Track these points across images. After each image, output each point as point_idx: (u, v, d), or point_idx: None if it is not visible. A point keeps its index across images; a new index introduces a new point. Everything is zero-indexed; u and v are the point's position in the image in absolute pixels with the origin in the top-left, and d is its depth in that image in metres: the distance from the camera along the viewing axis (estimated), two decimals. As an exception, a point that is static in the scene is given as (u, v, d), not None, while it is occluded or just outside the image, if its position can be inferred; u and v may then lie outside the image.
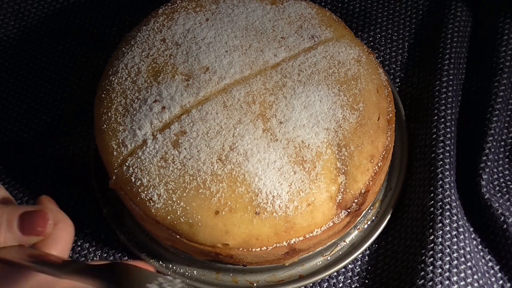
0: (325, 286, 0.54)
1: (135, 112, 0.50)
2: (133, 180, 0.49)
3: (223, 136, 0.49)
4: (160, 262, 0.54)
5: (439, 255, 0.50)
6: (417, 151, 0.58)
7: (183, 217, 0.48)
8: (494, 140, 0.57)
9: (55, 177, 0.59)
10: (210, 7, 0.55)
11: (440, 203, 0.52)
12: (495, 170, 0.57)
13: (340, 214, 0.49)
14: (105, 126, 0.51)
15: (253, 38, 0.53)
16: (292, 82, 0.51)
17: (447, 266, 0.50)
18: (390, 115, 0.53)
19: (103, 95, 0.52)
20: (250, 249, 0.48)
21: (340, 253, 0.55)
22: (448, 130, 0.56)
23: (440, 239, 0.51)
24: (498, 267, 0.53)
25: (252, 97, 0.50)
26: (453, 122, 0.57)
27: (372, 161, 0.50)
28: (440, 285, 0.49)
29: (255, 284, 0.53)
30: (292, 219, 0.48)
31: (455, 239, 0.51)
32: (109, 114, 0.51)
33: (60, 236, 0.44)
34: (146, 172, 0.48)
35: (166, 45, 0.53)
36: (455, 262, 0.50)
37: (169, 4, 0.56)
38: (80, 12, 0.70)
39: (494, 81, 0.59)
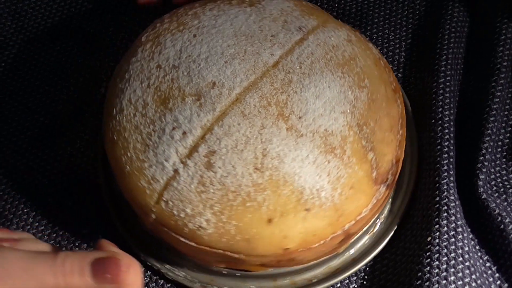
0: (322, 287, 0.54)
1: (156, 144, 0.49)
2: (176, 213, 0.48)
3: (252, 145, 0.48)
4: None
5: (436, 255, 0.50)
6: None
7: (239, 235, 0.47)
8: (491, 140, 0.57)
9: (53, 178, 0.59)
10: (192, 23, 0.54)
11: (437, 205, 0.53)
12: (492, 170, 0.57)
13: (380, 189, 0.50)
14: (128, 167, 0.49)
15: (245, 43, 0.53)
16: (297, 76, 0.51)
17: (444, 266, 0.50)
18: (394, 84, 0.54)
19: (115, 137, 0.50)
20: (309, 247, 0.49)
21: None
22: (447, 131, 0.56)
23: (437, 240, 0.51)
24: (495, 267, 0.53)
25: (266, 100, 0.50)
26: (451, 123, 0.57)
27: (392, 131, 0.51)
28: (437, 285, 0.49)
29: (314, 280, 0.54)
30: (341, 207, 0.48)
31: (452, 239, 0.51)
32: (129, 155, 0.49)
33: (133, 281, 0.42)
34: (188, 201, 0.48)
35: (163, 70, 0.52)
36: (453, 262, 0.50)
37: (150, 30, 0.55)
38: (76, 12, 0.69)
39: (492, 81, 0.59)
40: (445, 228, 0.51)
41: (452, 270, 0.50)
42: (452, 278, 0.50)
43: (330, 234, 0.49)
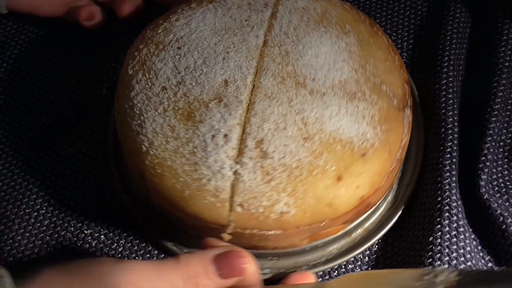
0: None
1: (204, 158, 0.48)
2: (254, 211, 0.48)
3: (290, 119, 0.50)
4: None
5: (438, 255, 0.50)
6: None
7: (319, 204, 0.48)
8: (493, 140, 0.57)
9: (54, 178, 0.59)
10: (168, 38, 0.54)
11: (439, 205, 0.53)
12: (494, 170, 0.57)
13: (406, 112, 0.54)
14: (187, 192, 0.48)
15: (228, 36, 0.54)
16: (290, 46, 0.53)
17: (446, 266, 0.50)
18: (367, 20, 0.57)
19: (159, 171, 0.49)
20: (378, 187, 0.51)
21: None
22: (450, 132, 0.56)
23: (439, 240, 0.51)
24: (497, 267, 0.53)
25: (279, 76, 0.51)
26: (455, 124, 0.57)
27: (389, 59, 0.55)
28: None
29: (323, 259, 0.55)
30: (386, 140, 0.51)
31: (454, 239, 0.51)
32: (181, 180, 0.48)
33: (253, 271, 0.44)
34: (261, 195, 0.48)
35: (171, 90, 0.51)
36: (454, 262, 0.50)
37: (131, 61, 0.54)
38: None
39: (493, 82, 0.59)
40: (447, 228, 0.51)
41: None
42: None
43: (389, 167, 0.51)
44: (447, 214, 0.52)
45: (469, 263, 0.50)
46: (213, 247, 0.44)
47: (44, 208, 0.58)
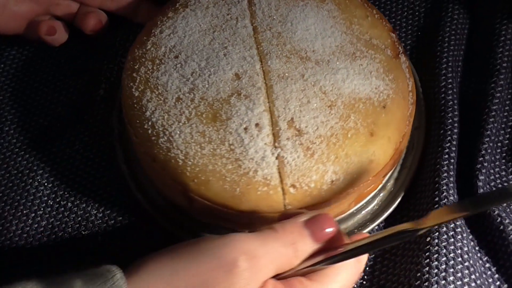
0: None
1: (244, 153, 0.49)
2: (307, 188, 0.49)
3: (310, 92, 0.51)
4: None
5: (435, 255, 0.50)
6: None
7: (363, 163, 0.50)
8: (490, 141, 0.56)
9: (51, 179, 0.59)
10: (160, 51, 0.53)
11: (436, 205, 0.53)
12: (492, 171, 0.57)
13: (401, 59, 0.56)
14: (238, 189, 0.48)
15: (218, 33, 0.54)
16: (279, 27, 0.54)
17: (443, 266, 0.50)
18: None
19: (203, 178, 0.49)
20: (405, 133, 0.53)
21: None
22: (449, 133, 0.56)
23: (436, 240, 0.51)
24: (495, 268, 0.53)
25: (283, 56, 0.53)
26: (455, 125, 0.57)
27: (368, 15, 0.57)
28: (436, 285, 0.49)
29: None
30: (397, 87, 0.53)
31: (451, 240, 0.51)
32: (229, 179, 0.48)
33: (339, 231, 0.44)
34: (308, 170, 0.49)
35: (187, 98, 0.51)
36: (452, 262, 0.50)
37: (131, 83, 0.53)
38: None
39: (491, 82, 0.59)
40: (444, 229, 0.51)
41: (451, 270, 0.50)
42: (451, 278, 0.49)
43: (407, 112, 0.53)
44: None
45: (466, 263, 0.50)
46: (298, 215, 0.44)
47: (42, 209, 0.58)
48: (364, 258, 0.45)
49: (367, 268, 0.54)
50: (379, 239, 0.42)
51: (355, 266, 0.44)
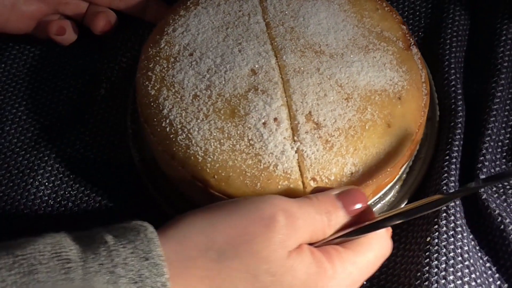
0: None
1: (264, 147, 0.49)
2: (326, 181, 0.49)
3: (326, 85, 0.51)
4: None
5: (435, 255, 0.50)
6: None
7: (381, 154, 0.50)
8: (491, 140, 0.56)
9: (52, 179, 0.59)
10: (174, 49, 0.54)
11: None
12: (492, 170, 0.56)
13: (413, 51, 0.56)
14: (258, 184, 0.48)
15: (231, 30, 0.54)
16: (292, 22, 0.55)
17: (443, 266, 0.50)
18: None
19: (223, 174, 0.49)
20: (421, 122, 0.53)
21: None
22: (451, 135, 0.56)
23: (436, 240, 0.51)
24: (495, 267, 0.53)
25: (297, 50, 0.53)
26: (458, 125, 0.57)
27: (378, 7, 0.57)
28: (436, 284, 0.49)
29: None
30: (410, 78, 0.53)
31: (451, 239, 0.51)
32: (249, 174, 0.48)
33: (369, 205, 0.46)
34: (328, 163, 0.49)
35: (204, 95, 0.51)
36: (452, 261, 0.50)
37: (148, 82, 0.53)
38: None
39: (492, 82, 0.59)
40: (444, 228, 0.51)
41: (451, 269, 0.50)
42: (451, 277, 0.49)
43: (422, 102, 0.54)
44: (444, 214, 0.52)
45: (466, 263, 0.51)
46: (331, 188, 0.46)
47: (42, 209, 0.58)
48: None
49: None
50: (411, 209, 0.43)
51: (388, 238, 0.45)
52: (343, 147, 0.49)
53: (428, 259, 0.50)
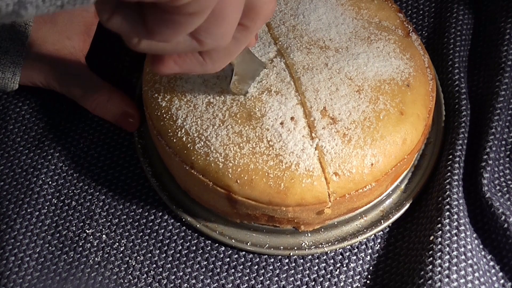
0: (326, 285, 0.54)
1: (284, 148, 0.49)
2: (349, 174, 0.49)
3: (336, 79, 0.51)
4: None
5: (438, 254, 0.50)
6: None
7: (398, 142, 0.51)
8: (495, 139, 0.56)
9: (56, 178, 0.59)
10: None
11: (440, 205, 0.53)
12: (496, 169, 0.57)
13: (412, 37, 0.57)
14: (282, 185, 0.48)
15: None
16: (292, 20, 0.55)
17: (447, 265, 0.50)
18: None
19: (246, 177, 0.49)
20: (430, 107, 0.54)
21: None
22: (454, 135, 0.57)
23: (439, 239, 0.51)
24: (499, 266, 0.53)
25: (303, 47, 0.53)
26: (462, 125, 0.57)
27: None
28: (439, 283, 0.49)
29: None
30: (415, 64, 0.54)
31: (455, 238, 0.51)
32: (272, 176, 0.48)
33: None
34: (348, 156, 0.49)
35: (218, 101, 0.51)
36: (455, 260, 0.50)
37: (157, 94, 0.52)
38: None
39: (496, 81, 0.59)
40: (447, 227, 0.51)
41: (455, 268, 0.50)
42: (455, 276, 0.50)
43: (429, 87, 0.55)
44: (447, 213, 0.52)
45: (470, 261, 0.51)
46: None
47: (46, 207, 0.58)
48: None
49: (371, 268, 0.54)
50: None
51: None
52: (360, 139, 0.50)
53: (431, 258, 0.50)
